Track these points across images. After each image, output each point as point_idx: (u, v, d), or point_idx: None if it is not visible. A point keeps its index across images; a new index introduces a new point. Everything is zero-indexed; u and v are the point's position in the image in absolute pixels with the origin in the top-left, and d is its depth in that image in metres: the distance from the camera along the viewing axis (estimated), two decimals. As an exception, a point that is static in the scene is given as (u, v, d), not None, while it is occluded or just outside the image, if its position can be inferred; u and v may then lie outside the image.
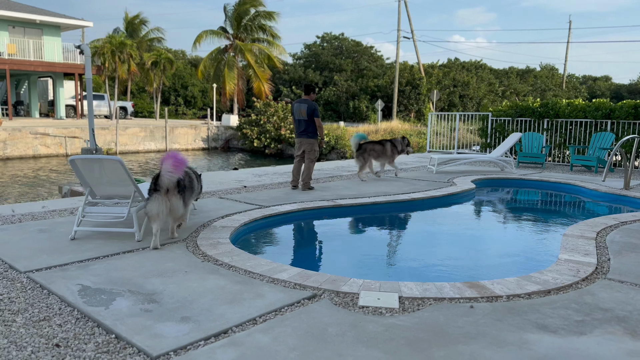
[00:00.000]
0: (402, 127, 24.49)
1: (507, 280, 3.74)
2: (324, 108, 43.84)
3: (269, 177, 9.41)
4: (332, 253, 5.20)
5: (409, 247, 5.45)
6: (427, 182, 8.94)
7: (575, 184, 8.87)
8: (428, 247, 5.48)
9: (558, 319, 3.08)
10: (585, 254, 4.49)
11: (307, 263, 4.72)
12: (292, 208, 6.38)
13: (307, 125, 7.88)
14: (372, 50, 52.65)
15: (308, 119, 7.82)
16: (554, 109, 12.92)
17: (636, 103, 11.86)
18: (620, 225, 5.67)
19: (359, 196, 7.30)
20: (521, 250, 5.33)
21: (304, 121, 7.86)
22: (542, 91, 51.56)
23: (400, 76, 39.09)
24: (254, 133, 25.69)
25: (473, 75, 45.28)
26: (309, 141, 7.94)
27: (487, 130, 14.11)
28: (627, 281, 3.82)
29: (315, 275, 3.79)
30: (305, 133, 7.92)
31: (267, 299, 3.34)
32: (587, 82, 68.71)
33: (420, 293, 3.46)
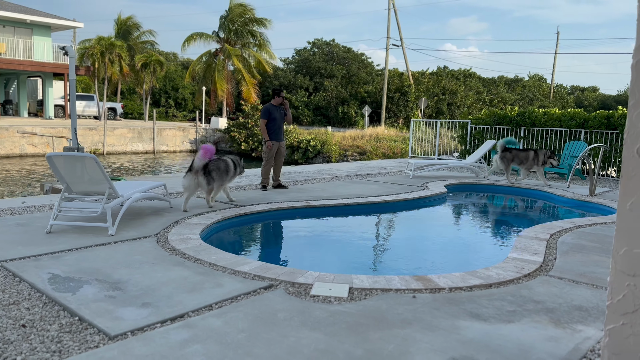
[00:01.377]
0: (387, 133, 24.84)
1: (453, 275, 4.01)
2: (314, 113, 44.17)
3: (249, 178, 9.65)
4: (297, 249, 5.46)
5: (370, 244, 5.73)
6: (402, 185, 9.22)
7: (542, 190, 9.21)
8: (390, 245, 5.77)
9: (491, 309, 3.35)
10: (533, 253, 4.78)
11: (271, 258, 4.98)
12: (265, 208, 6.62)
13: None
14: (362, 56, 53.16)
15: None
16: (530, 117, 13.29)
17: (609, 113, 12.25)
18: (575, 229, 5.97)
19: (333, 198, 7.57)
20: (477, 249, 5.62)
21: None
22: (529, 100, 52.29)
23: (390, 83, 39.53)
24: (242, 136, 25.92)
25: (461, 84, 45.86)
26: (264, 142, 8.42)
27: (466, 137, 14.46)
28: (565, 278, 4.10)
29: (275, 268, 4.04)
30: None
31: (226, 288, 3.58)
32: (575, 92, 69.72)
33: (370, 284, 3.72)
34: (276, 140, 8.40)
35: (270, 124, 8.34)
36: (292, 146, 23.95)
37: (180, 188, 7.92)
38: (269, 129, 8.33)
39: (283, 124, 8.56)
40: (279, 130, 8.43)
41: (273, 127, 8.38)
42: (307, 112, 43.88)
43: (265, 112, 8.28)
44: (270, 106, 8.36)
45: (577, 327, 3.10)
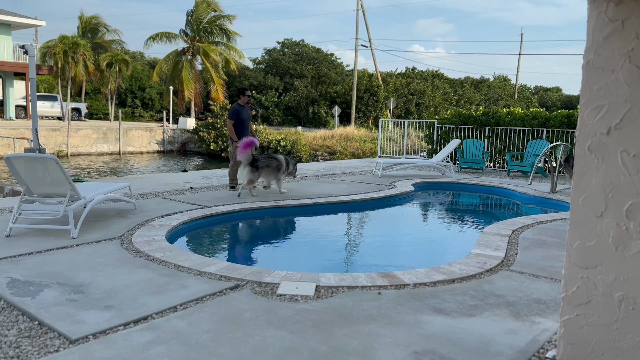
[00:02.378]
0: (357, 133, 25.01)
1: (418, 271, 4.09)
2: (284, 113, 44.09)
3: (218, 179, 9.57)
4: (265, 249, 5.46)
5: (338, 243, 5.77)
6: (370, 185, 9.31)
7: (506, 188, 9.45)
8: (357, 243, 5.83)
9: (454, 304, 3.43)
10: (495, 249, 4.90)
11: (238, 258, 4.97)
12: (234, 208, 6.58)
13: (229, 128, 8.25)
14: (332, 57, 53.34)
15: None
16: (494, 117, 13.61)
17: (569, 113, 12.67)
18: (536, 224, 6.16)
19: (302, 197, 7.58)
20: (442, 245, 5.74)
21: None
22: (494, 100, 53.48)
23: (359, 83, 39.80)
24: (211, 136, 25.65)
25: (429, 85, 46.55)
26: (229, 142, 8.35)
27: (433, 137, 14.70)
28: (526, 272, 4.23)
29: (242, 268, 4.03)
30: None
31: (191, 289, 3.55)
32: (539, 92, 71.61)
33: (336, 282, 3.76)
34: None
35: (238, 125, 8.26)
36: (262, 146, 23.84)
37: (144, 190, 7.84)
38: (237, 129, 8.25)
39: (250, 123, 8.53)
40: (246, 131, 8.39)
41: (241, 127, 8.31)
42: (277, 112, 43.77)
43: (233, 112, 8.19)
44: (237, 106, 8.27)
45: (535, 319, 3.21)
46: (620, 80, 2.41)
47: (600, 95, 2.47)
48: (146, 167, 21.91)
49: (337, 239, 6.00)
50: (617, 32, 2.40)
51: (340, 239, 6.01)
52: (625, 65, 2.39)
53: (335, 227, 6.70)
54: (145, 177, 10.25)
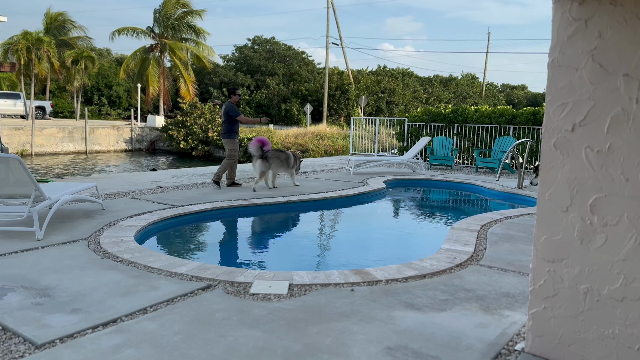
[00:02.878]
0: (329, 131, 25.06)
1: (390, 267, 4.12)
2: (256, 111, 43.81)
3: (188, 178, 9.44)
4: (237, 249, 5.41)
5: (311, 241, 5.77)
6: (342, 182, 9.34)
7: (475, 184, 9.62)
8: (330, 240, 5.84)
9: (425, 299, 3.47)
10: (465, 244, 4.99)
11: (210, 258, 4.91)
12: (204, 207, 6.50)
13: (225, 127, 8.43)
14: (303, 54, 53.28)
15: (225, 119, 8.36)
16: (463, 115, 13.84)
17: (535, 110, 12.98)
18: (504, 219, 6.29)
19: (275, 196, 7.55)
20: (413, 241, 5.81)
21: (223, 123, 8.46)
22: (463, 98, 54.38)
23: (330, 81, 39.87)
24: (181, 135, 25.29)
25: (399, 83, 47.00)
26: (226, 141, 8.47)
27: (403, 134, 14.85)
28: (495, 266, 4.31)
29: (213, 268, 3.98)
30: (224, 133, 8.49)
31: (161, 290, 3.49)
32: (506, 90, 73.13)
33: (309, 280, 3.75)
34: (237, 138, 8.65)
35: (235, 122, 8.41)
36: (233, 145, 23.66)
37: (112, 189, 7.68)
38: (237, 128, 8.44)
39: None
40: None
41: (237, 125, 8.47)
42: (248, 110, 43.45)
43: (236, 109, 8.39)
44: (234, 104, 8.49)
45: (504, 312, 3.28)
46: (584, 78, 2.48)
47: (565, 92, 2.54)
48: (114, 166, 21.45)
49: (311, 237, 6.00)
50: (580, 31, 2.47)
51: (314, 237, 6.01)
52: (588, 63, 2.46)
53: (308, 225, 6.70)
54: (113, 176, 10.04)
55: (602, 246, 2.47)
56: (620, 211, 2.41)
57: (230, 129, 8.36)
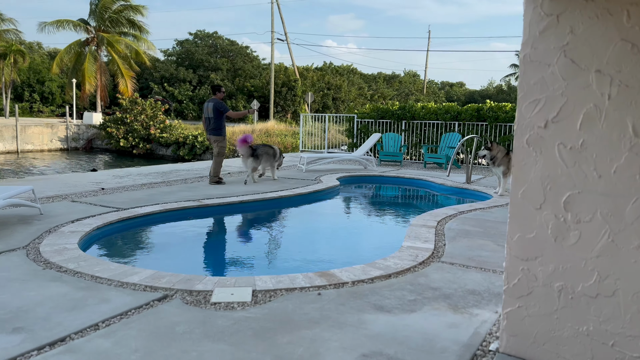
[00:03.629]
0: (278, 128, 24.78)
1: (355, 268, 4.02)
2: (199, 107, 42.75)
3: (132, 178, 8.97)
4: (192, 253, 5.13)
5: (271, 243, 5.58)
6: (296, 180, 9.19)
7: (425, 180, 9.75)
8: (290, 242, 5.67)
9: (394, 300, 3.39)
10: (425, 241, 4.97)
11: (164, 265, 4.60)
12: (153, 210, 6.16)
13: (214, 123, 8.39)
14: (247, 50, 52.52)
15: (214, 116, 8.34)
16: (410, 111, 14.03)
17: (479, 107, 13.35)
18: (458, 215, 6.36)
19: (227, 195, 7.28)
20: (374, 240, 5.75)
21: (211, 119, 8.38)
22: (405, 95, 55.52)
23: (276, 77, 39.52)
24: (120, 132, 24.22)
25: (345, 80, 47.30)
26: (215, 137, 8.46)
27: (353, 130, 14.88)
28: (456, 263, 4.31)
29: (169, 276, 3.73)
30: (212, 130, 8.45)
31: (113, 303, 3.21)
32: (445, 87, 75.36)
33: (273, 285, 3.58)
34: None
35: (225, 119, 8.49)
36: (177, 142, 22.93)
37: (49, 192, 7.15)
38: (225, 124, 8.52)
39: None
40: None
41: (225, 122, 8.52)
42: (192, 106, 42.35)
43: (225, 105, 8.47)
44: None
45: (473, 311, 3.25)
46: (556, 74, 2.46)
47: (537, 89, 2.51)
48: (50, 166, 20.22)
49: (270, 239, 5.81)
50: (552, 26, 2.44)
51: (273, 238, 5.81)
52: (560, 59, 2.44)
53: (265, 226, 6.49)
54: (49, 178, 9.39)
55: (576, 243, 2.47)
56: (594, 208, 2.41)
57: (220, 125, 8.39)
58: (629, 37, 2.28)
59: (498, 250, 4.76)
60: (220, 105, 8.34)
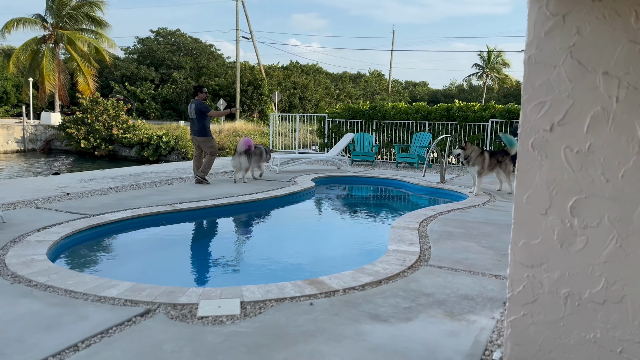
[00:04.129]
0: (245, 128, 24.45)
1: (344, 274, 3.89)
2: (162, 106, 41.85)
3: (97, 182, 8.59)
4: (171, 262, 4.87)
5: (253, 249, 5.40)
6: (270, 181, 9.00)
7: (400, 180, 9.73)
8: (272, 247, 5.48)
9: (389, 308, 3.29)
10: (410, 243, 4.90)
11: (143, 275, 4.35)
12: (124, 215, 5.88)
13: (197, 124, 8.44)
14: (211, 48, 51.73)
15: (197, 117, 8.40)
16: (381, 111, 14.03)
17: (448, 106, 13.48)
18: (438, 216, 6.33)
19: (201, 199, 7.04)
20: (358, 243, 5.64)
21: (195, 120, 8.44)
22: (371, 95, 55.89)
23: (242, 76, 39.03)
24: (81, 133, 23.36)
25: (311, 79, 47.19)
26: (201, 139, 8.51)
27: (324, 130, 14.78)
28: (445, 266, 4.25)
29: (149, 289, 3.51)
30: (197, 132, 8.49)
31: (92, 320, 2.98)
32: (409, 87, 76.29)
33: (262, 295, 3.42)
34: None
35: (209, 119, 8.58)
36: (141, 143, 22.27)
37: (10, 198, 6.74)
38: (209, 124, 8.59)
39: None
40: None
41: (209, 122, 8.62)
42: (154, 105, 41.37)
43: (207, 105, 8.55)
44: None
45: (470, 317, 3.18)
46: (562, 76, 2.40)
47: (543, 91, 2.44)
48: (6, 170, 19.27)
49: (250, 244, 5.60)
50: (558, 26, 2.38)
51: (253, 244, 5.61)
52: (567, 60, 2.38)
53: (245, 231, 6.27)
54: (8, 182, 8.89)
55: (583, 249, 2.42)
56: (601, 213, 2.36)
57: (204, 126, 8.44)
58: (637, 39, 2.23)
59: (483, 252, 4.74)
60: (201, 105, 8.37)
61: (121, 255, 5.10)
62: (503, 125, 12.68)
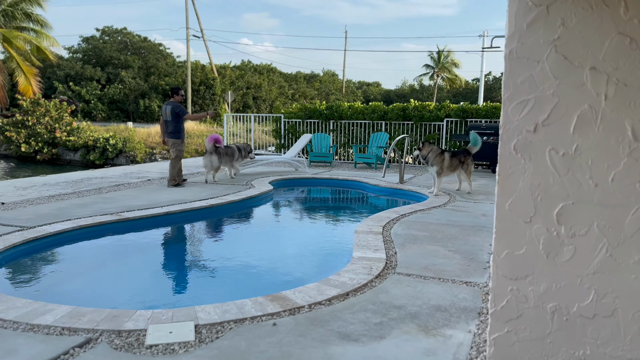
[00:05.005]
0: (198, 128, 23.72)
1: (308, 288, 3.61)
2: (109, 107, 40.24)
3: (37, 189, 7.93)
4: (116, 280, 4.39)
5: (209, 262, 5.00)
6: (225, 185, 8.60)
7: (360, 181, 9.55)
8: (230, 259, 5.09)
9: (359, 325, 3.03)
10: (375, 249, 4.68)
11: (83, 297, 3.89)
12: (65, 227, 5.37)
13: (172, 126, 8.32)
14: (160, 47, 50.25)
15: (172, 119, 8.27)
16: (338, 111, 13.84)
17: (404, 106, 13.44)
18: (401, 218, 6.16)
19: (150, 206, 6.59)
20: (321, 250, 5.37)
21: (169, 122, 8.32)
22: (326, 95, 55.85)
23: (193, 75, 38.05)
24: (21, 136, 21.97)
25: (265, 78, 46.62)
26: (173, 140, 8.37)
27: (280, 131, 14.44)
28: (413, 274, 4.04)
29: (91, 313, 3.10)
30: (171, 134, 8.36)
31: (21, 355, 2.57)
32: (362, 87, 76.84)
33: (219, 317, 3.09)
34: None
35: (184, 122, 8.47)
36: (87, 146, 21.20)
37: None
38: (184, 127, 8.46)
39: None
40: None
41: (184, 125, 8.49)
42: (100, 106, 39.72)
43: (184, 107, 8.46)
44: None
45: (446, 332, 2.97)
46: (546, 72, 2.20)
47: (526, 88, 2.25)
48: None
49: (205, 256, 5.17)
50: (541, 18, 2.18)
51: (209, 256, 5.18)
52: (551, 55, 2.19)
53: (199, 242, 5.83)
54: None
55: (571, 259, 2.24)
56: (590, 220, 2.19)
57: (178, 128, 8.34)
58: (626, 31, 2.07)
59: (450, 256, 4.57)
60: (178, 108, 8.30)
61: (60, 274, 4.57)
62: (458, 125, 12.76)
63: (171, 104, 8.35)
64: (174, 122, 8.31)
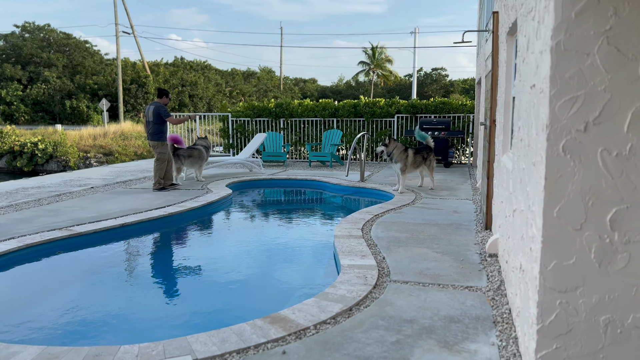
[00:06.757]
0: (135, 129, 22.49)
1: (307, 305, 3.30)
2: (33, 109, 37.50)
3: (-35, 203, 7.04)
4: (83, 308, 3.70)
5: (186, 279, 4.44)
6: (179, 191, 8.05)
7: (320, 180, 9.27)
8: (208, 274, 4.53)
9: (376, 346, 2.76)
10: (362, 255, 4.43)
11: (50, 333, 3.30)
12: (9, 247, 4.73)
13: (153, 128, 8.01)
14: (86, 44, 47.51)
15: (154, 121, 7.98)
16: (288, 109, 13.50)
17: (355, 102, 13.30)
18: (375, 219, 5.96)
19: (102, 218, 5.99)
20: (304, 259, 5.02)
21: (150, 123, 8.02)
22: (264, 92, 55.12)
23: (124, 74, 36.23)
24: None
25: (200, 75, 45.25)
26: (154, 143, 8.09)
27: (228, 130, 13.90)
28: (410, 281, 3.83)
29: (66, 354, 2.64)
30: (152, 135, 8.06)
31: (-14, 421, 2.09)
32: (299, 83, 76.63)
33: (218, 347, 2.71)
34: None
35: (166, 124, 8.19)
36: (12, 151, 19.53)
37: None
38: (166, 129, 8.19)
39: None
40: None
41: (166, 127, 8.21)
42: (23, 108, 36.96)
43: (167, 110, 8.20)
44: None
45: (469, 347, 2.76)
46: (597, 66, 2.02)
47: (574, 83, 2.06)
48: None
49: (179, 273, 4.56)
50: (591, 6, 2.00)
51: (183, 272, 4.55)
52: (602, 47, 2.01)
53: (165, 256, 5.13)
54: None
55: (625, 268, 2.08)
56: (646, 225, 2.04)
57: (160, 130, 8.06)
58: (685, 22, 1.92)
59: (440, 259, 4.41)
60: (161, 109, 8.02)
61: (15, 304, 3.83)
62: (409, 120, 12.80)
63: (155, 105, 8.06)
64: (155, 124, 7.99)
